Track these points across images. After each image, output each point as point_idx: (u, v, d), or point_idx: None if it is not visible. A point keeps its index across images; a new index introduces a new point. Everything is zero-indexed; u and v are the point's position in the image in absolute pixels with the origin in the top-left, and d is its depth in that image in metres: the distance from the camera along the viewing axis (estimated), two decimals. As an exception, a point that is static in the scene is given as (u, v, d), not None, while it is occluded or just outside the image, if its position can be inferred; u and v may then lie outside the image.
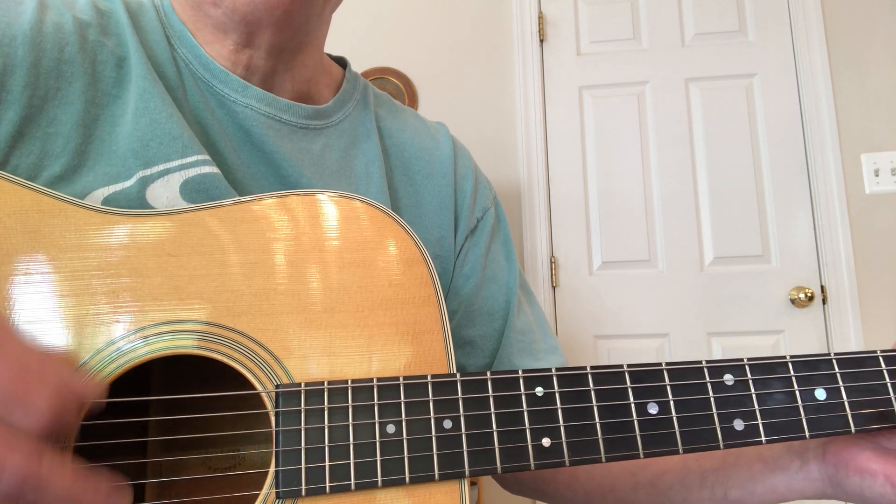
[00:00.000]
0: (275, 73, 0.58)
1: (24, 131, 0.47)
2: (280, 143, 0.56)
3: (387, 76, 2.36)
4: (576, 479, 0.61)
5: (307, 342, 0.43)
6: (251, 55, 0.56)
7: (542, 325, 0.68)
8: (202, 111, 0.54)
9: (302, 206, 0.46)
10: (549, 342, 0.67)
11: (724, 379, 0.44)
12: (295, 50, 0.58)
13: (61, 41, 0.49)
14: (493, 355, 0.64)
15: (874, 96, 2.17)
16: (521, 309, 0.66)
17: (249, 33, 0.54)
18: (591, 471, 0.60)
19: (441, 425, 0.41)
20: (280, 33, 0.55)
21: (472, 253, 0.65)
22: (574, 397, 0.43)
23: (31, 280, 0.41)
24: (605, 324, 2.18)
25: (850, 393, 0.44)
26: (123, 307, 0.41)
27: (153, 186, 0.49)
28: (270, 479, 0.40)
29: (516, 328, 0.65)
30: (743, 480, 0.50)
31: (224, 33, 0.55)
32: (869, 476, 0.43)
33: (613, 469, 0.58)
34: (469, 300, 0.64)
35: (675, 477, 0.54)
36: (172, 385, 0.52)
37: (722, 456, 0.52)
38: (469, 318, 0.64)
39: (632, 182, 2.22)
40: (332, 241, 0.45)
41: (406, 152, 0.65)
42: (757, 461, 0.50)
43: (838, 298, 2.08)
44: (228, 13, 0.53)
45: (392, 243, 0.46)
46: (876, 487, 0.43)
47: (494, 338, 0.64)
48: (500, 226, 0.69)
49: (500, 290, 0.65)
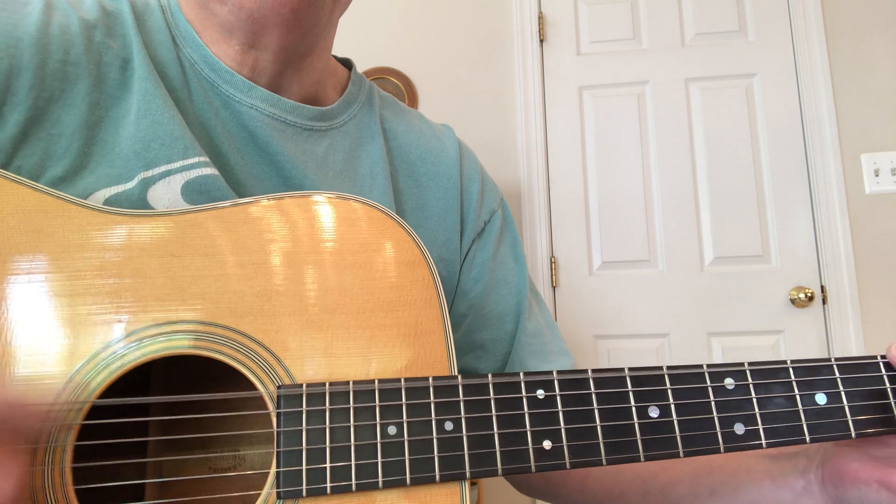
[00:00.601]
0: (282, 76, 0.58)
1: (29, 133, 0.47)
2: (284, 144, 0.56)
3: (387, 76, 2.36)
4: (587, 486, 0.61)
5: (308, 343, 0.43)
6: (257, 56, 0.56)
7: (551, 328, 0.68)
8: (206, 111, 0.54)
9: (304, 207, 0.46)
10: (560, 344, 0.67)
11: (725, 383, 0.44)
12: (304, 53, 0.57)
13: (67, 43, 0.49)
14: (505, 359, 0.64)
15: (874, 96, 2.17)
16: (532, 311, 0.66)
17: (255, 33, 0.54)
18: (602, 477, 0.60)
19: (442, 427, 0.41)
20: (288, 34, 0.54)
21: (479, 256, 0.65)
22: (575, 400, 0.43)
23: (33, 279, 0.41)
24: (605, 324, 2.18)
25: (851, 398, 0.44)
26: (126, 307, 0.41)
27: (155, 188, 0.49)
28: (271, 480, 0.40)
29: (528, 331, 0.64)
30: (752, 496, 0.51)
31: (230, 33, 0.55)
32: (863, 485, 0.44)
33: (624, 476, 0.58)
34: (479, 304, 0.64)
35: (686, 488, 0.54)
36: (174, 385, 0.52)
37: (732, 472, 0.52)
38: (480, 321, 0.63)
39: (632, 182, 2.22)
40: (333, 242, 0.45)
41: (411, 154, 0.65)
42: (765, 478, 0.50)
43: (838, 298, 2.08)
44: (235, 11, 0.52)
45: (393, 245, 0.46)
46: (871, 494, 0.44)
47: (506, 341, 0.64)
48: (507, 228, 0.69)
49: (510, 293, 0.65)
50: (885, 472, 0.43)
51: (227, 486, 0.51)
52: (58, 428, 0.39)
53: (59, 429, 0.39)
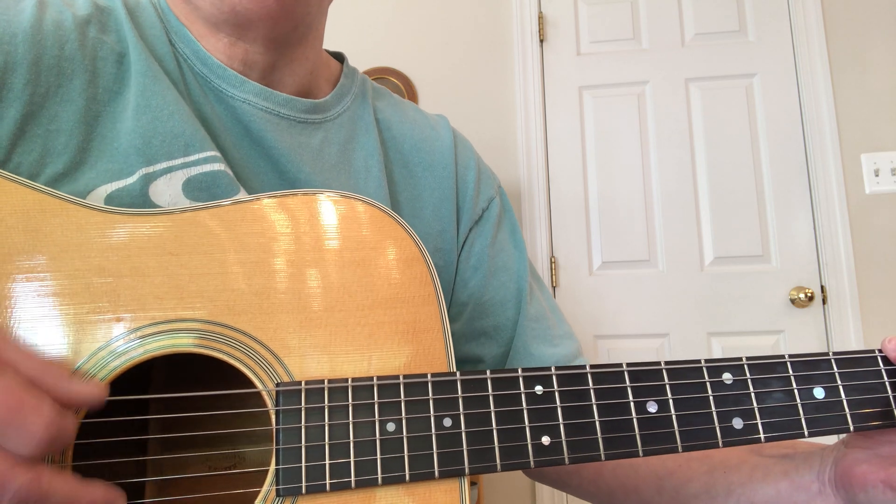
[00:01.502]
0: (274, 68, 0.57)
1: (26, 129, 0.47)
2: (279, 137, 0.56)
3: (387, 76, 2.36)
4: (601, 476, 0.61)
5: (307, 341, 0.43)
6: (247, 49, 0.55)
7: (555, 312, 0.67)
8: (203, 106, 0.54)
9: (302, 205, 0.46)
10: (564, 328, 0.67)
11: (723, 378, 0.44)
12: (295, 43, 0.57)
13: (61, 38, 0.49)
14: (509, 344, 0.64)
15: (874, 96, 2.17)
16: (534, 296, 0.66)
17: (240, 25, 0.53)
18: (616, 469, 0.60)
19: (441, 423, 0.41)
20: (276, 26, 0.54)
21: (477, 244, 0.65)
22: (573, 396, 0.43)
23: (32, 279, 0.41)
24: (605, 324, 2.18)
25: (849, 392, 0.44)
26: (125, 306, 0.41)
27: (156, 184, 0.49)
28: (271, 477, 0.40)
29: (530, 315, 0.64)
30: (769, 498, 0.51)
31: (215, 27, 0.54)
32: (870, 487, 0.44)
33: (640, 471, 0.58)
34: (479, 292, 0.63)
35: (701, 487, 0.54)
36: (173, 384, 0.52)
37: (750, 471, 0.52)
38: (481, 309, 0.63)
39: (632, 182, 2.22)
40: (331, 240, 0.45)
41: (405, 145, 0.65)
42: (783, 479, 0.50)
43: (838, 298, 2.08)
44: (217, 4, 0.52)
45: (391, 242, 0.46)
46: (878, 495, 0.44)
47: (509, 327, 0.64)
48: (506, 214, 0.69)
49: (510, 279, 0.65)
50: (890, 472, 0.43)
51: (226, 484, 0.52)
52: None
53: None
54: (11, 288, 0.40)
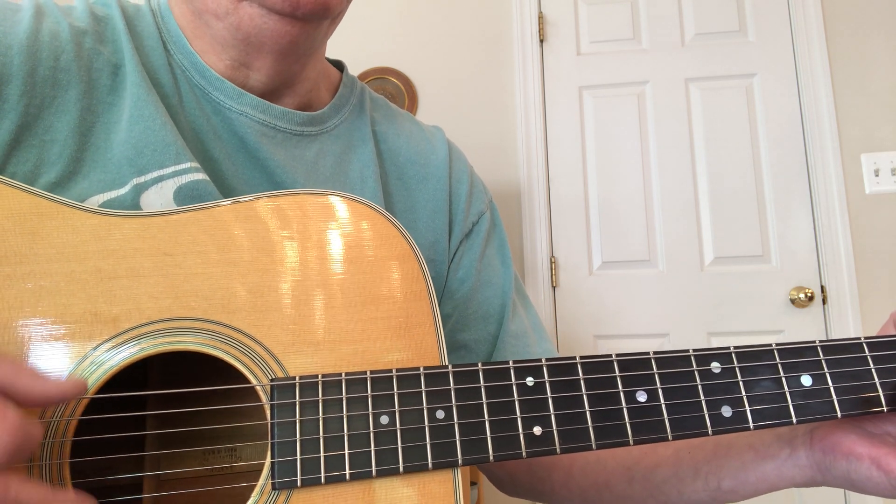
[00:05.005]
0: (273, 92, 0.58)
1: (21, 139, 0.47)
2: (274, 150, 0.56)
3: (387, 76, 2.36)
4: (571, 477, 0.61)
5: (302, 337, 0.43)
6: (248, 75, 0.56)
7: (537, 329, 0.68)
8: (198, 118, 0.54)
9: (294, 205, 0.46)
10: (544, 346, 0.67)
11: (711, 367, 0.44)
12: (297, 72, 0.58)
13: (57, 50, 0.50)
14: (488, 359, 0.64)
15: (874, 96, 2.17)
16: (516, 313, 0.66)
17: (249, 54, 0.54)
18: (585, 468, 0.60)
19: (434, 415, 0.42)
20: (282, 61, 0.55)
21: (466, 257, 0.65)
22: (564, 386, 0.43)
23: (28, 281, 0.41)
24: (605, 324, 2.18)
25: (836, 379, 0.44)
26: (121, 306, 0.42)
27: (147, 193, 0.49)
28: (266, 471, 0.40)
29: (510, 332, 0.64)
30: (735, 470, 0.50)
31: (222, 47, 0.54)
32: (855, 459, 0.44)
33: (608, 465, 0.58)
34: (464, 304, 0.64)
35: (670, 470, 0.54)
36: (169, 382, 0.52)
37: (713, 447, 0.52)
38: (464, 322, 0.64)
39: (632, 182, 2.23)
40: (324, 238, 0.46)
41: (401, 157, 0.65)
42: (748, 450, 0.50)
43: (838, 298, 2.08)
44: (231, 29, 0.52)
45: (383, 240, 0.47)
46: (862, 470, 0.44)
47: (489, 342, 0.64)
48: (495, 230, 0.69)
49: (495, 294, 0.65)
50: (882, 452, 0.43)
51: (222, 479, 0.52)
52: (55, 425, 0.39)
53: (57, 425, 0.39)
54: (8, 291, 0.41)
